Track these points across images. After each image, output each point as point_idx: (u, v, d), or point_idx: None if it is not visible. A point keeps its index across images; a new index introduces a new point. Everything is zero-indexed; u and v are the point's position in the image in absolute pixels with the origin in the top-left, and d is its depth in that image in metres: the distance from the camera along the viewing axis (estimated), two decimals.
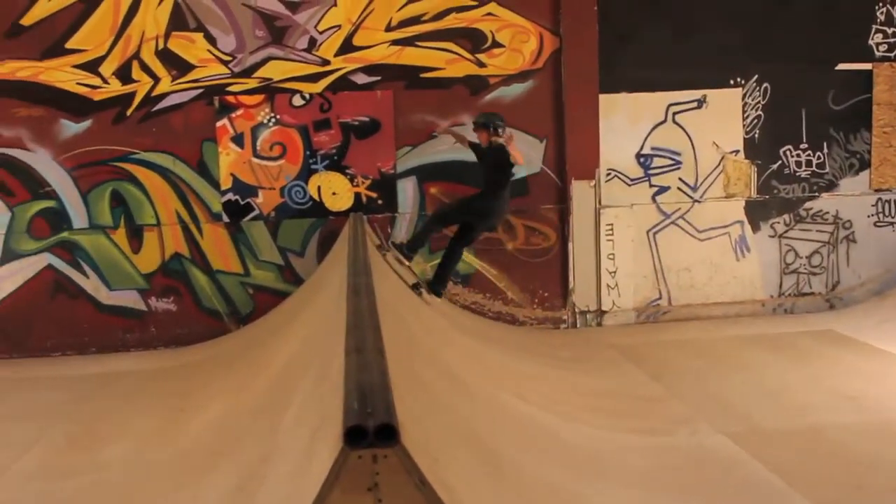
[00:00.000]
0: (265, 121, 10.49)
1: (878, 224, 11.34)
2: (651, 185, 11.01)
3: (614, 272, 10.88)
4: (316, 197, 10.60)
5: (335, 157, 10.59)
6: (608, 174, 10.89)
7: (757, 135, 11.09)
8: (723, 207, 11.13)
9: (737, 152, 11.09)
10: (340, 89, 10.51)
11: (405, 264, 9.47)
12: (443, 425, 5.05)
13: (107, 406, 8.45)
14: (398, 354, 4.83)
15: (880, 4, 11.07)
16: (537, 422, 6.94)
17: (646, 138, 10.96)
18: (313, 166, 10.59)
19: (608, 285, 10.88)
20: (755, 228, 11.19)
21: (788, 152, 11.17)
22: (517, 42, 10.67)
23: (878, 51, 11.12)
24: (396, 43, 10.53)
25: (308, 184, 10.59)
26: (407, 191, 10.68)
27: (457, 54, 10.59)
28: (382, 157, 10.60)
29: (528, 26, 10.67)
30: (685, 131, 11.00)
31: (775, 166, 11.16)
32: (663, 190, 11.03)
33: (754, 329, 10.55)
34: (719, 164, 11.07)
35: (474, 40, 10.62)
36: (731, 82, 10.99)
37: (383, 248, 9.54)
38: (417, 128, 10.56)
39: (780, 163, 11.16)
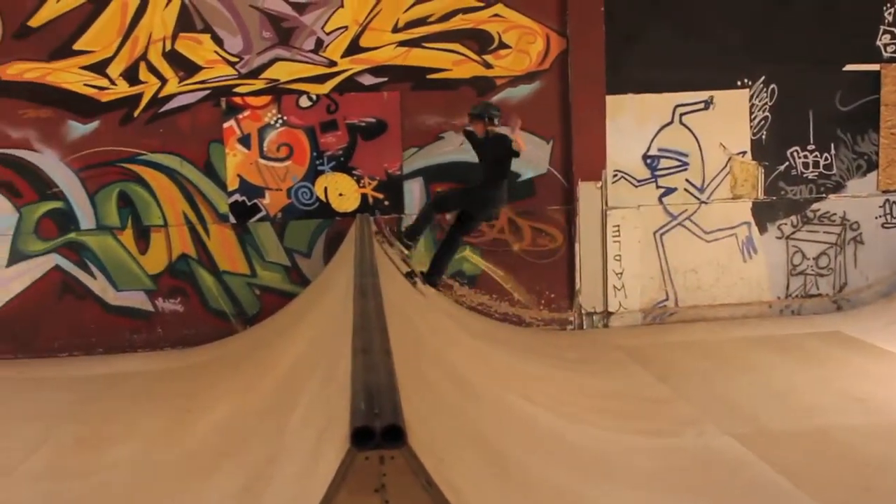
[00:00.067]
0: (272, 122, 10.51)
1: (886, 226, 11.30)
2: (658, 187, 10.99)
3: (621, 273, 10.86)
4: (322, 198, 10.62)
5: (342, 159, 10.60)
6: (615, 175, 10.88)
7: (764, 136, 11.07)
8: (730, 209, 11.11)
9: (744, 153, 11.07)
10: (347, 90, 10.52)
11: (403, 252, 9.41)
12: (449, 426, 5.05)
13: (114, 406, 8.47)
14: (405, 355, 4.83)
15: (888, 5, 11.03)
16: (543, 423, 6.93)
17: (652, 139, 10.95)
18: (320, 167, 10.60)
19: (615, 287, 10.86)
20: (762, 230, 11.16)
21: (796, 153, 11.14)
22: (524, 43, 10.66)
23: (886, 52, 11.08)
24: (403, 44, 10.54)
25: (315, 185, 10.61)
26: (413, 192, 10.69)
27: (463, 55, 10.59)
28: (389, 158, 10.61)
29: (535, 27, 10.67)
30: (692, 132, 10.98)
31: (782, 167, 11.13)
32: (670, 191, 11.01)
33: (761, 330, 10.52)
34: (726, 165, 11.05)
35: (481, 41, 10.62)
36: (739, 83, 10.97)
37: (381, 235, 9.53)
38: (424, 129, 10.56)
39: (787, 164, 11.14)
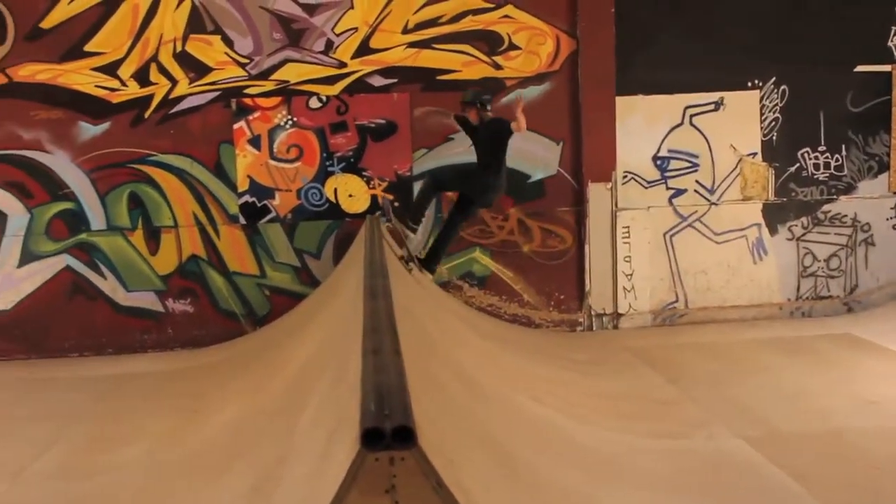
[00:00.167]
0: (282, 123, 10.53)
1: None
2: (668, 188, 10.97)
3: (630, 275, 10.84)
4: (332, 199, 10.63)
5: (352, 160, 10.62)
6: (625, 177, 10.86)
7: (774, 137, 11.03)
8: (740, 210, 11.08)
9: (754, 155, 11.04)
10: (357, 91, 10.53)
11: (406, 234, 9.37)
12: (458, 427, 5.05)
13: (124, 407, 8.50)
14: (415, 356, 4.83)
15: None
16: (552, 424, 6.93)
17: (662, 141, 10.93)
18: (330, 168, 10.61)
19: (624, 288, 10.85)
20: (772, 231, 11.13)
21: (806, 155, 11.10)
22: (534, 44, 10.66)
23: None
24: (413, 45, 10.54)
25: (324, 186, 10.62)
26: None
27: (473, 56, 10.59)
28: (399, 159, 10.61)
29: (545, 28, 10.66)
30: (702, 134, 10.95)
31: (793, 169, 11.10)
32: (680, 192, 10.99)
33: (771, 332, 10.49)
34: (736, 166, 11.02)
35: (491, 42, 10.62)
36: (749, 84, 10.94)
37: (385, 217, 9.55)
38: (434, 130, 10.56)
39: (797, 165, 11.10)
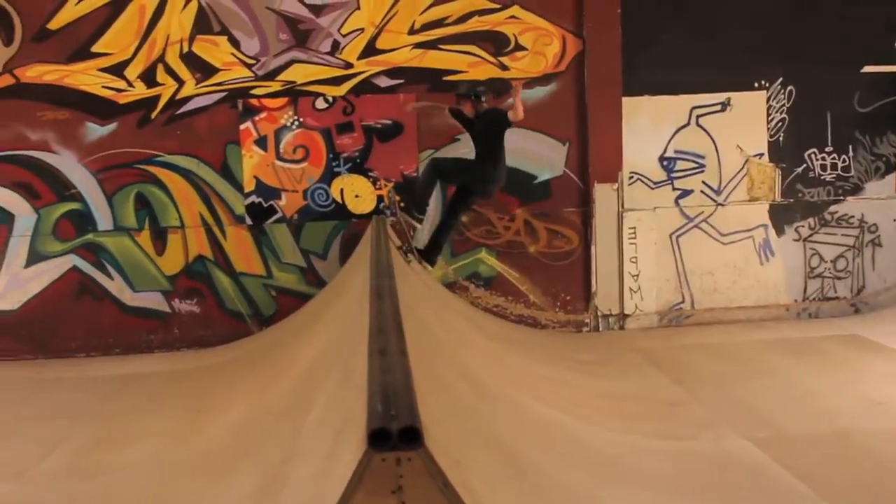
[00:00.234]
0: (288, 123, 10.54)
1: None
2: (674, 189, 10.95)
3: (637, 276, 10.83)
4: (339, 199, 10.64)
5: (358, 160, 10.62)
6: (631, 177, 10.85)
7: (781, 138, 11.01)
8: (746, 211, 11.05)
9: (761, 155, 11.02)
10: (363, 92, 10.54)
11: (411, 224, 9.42)
12: (464, 427, 5.05)
13: (130, 407, 8.51)
14: (421, 357, 4.84)
15: None
16: (558, 425, 6.92)
17: (669, 141, 10.91)
18: (336, 169, 10.62)
19: (631, 289, 10.83)
20: (779, 232, 11.10)
21: (813, 155, 11.08)
22: (540, 45, 10.65)
23: None
24: (419, 46, 10.54)
25: (331, 186, 10.63)
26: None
27: (479, 57, 10.59)
28: (405, 159, 10.61)
29: (551, 29, 10.65)
30: (709, 134, 10.93)
31: (800, 169, 11.07)
32: (686, 193, 10.97)
33: (778, 333, 10.46)
34: (743, 167, 11.00)
35: (497, 43, 10.61)
36: (756, 85, 10.92)
37: (390, 210, 9.55)
38: (440, 130, 10.55)
39: (804, 166, 11.07)
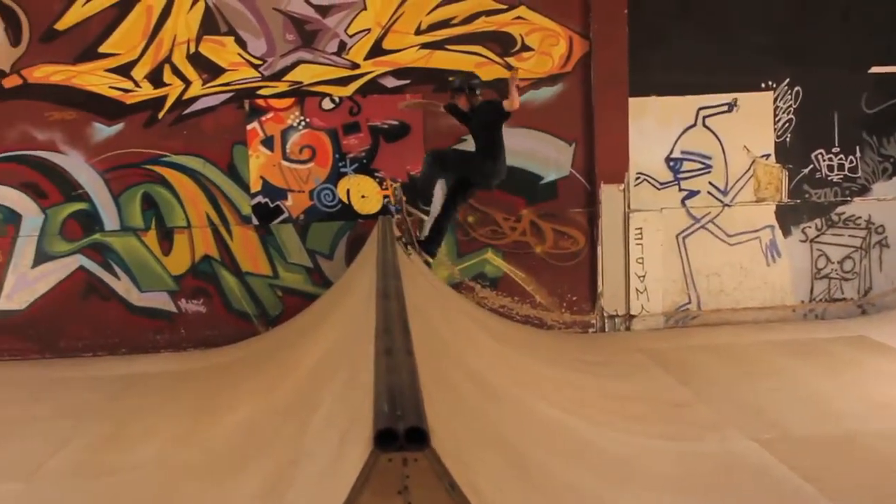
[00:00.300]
0: (295, 124, 10.55)
1: None
2: (681, 189, 10.94)
3: (643, 276, 10.81)
4: (345, 200, 10.65)
5: (364, 161, 10.63)
6: (637, 178, 10.84)
7: (788, 138, 10.99)
8: (753, 212, 11.03)
9: (768, 156, 11.00)
10: (370, 93, 10.55)
11: (416, 217, 9.43)
12: (471, 428, 5.05)
13: (137, 406, 8.53)
14: (427, 357, 4.84)
15: None
16: (564, 426, 6.91)
17: (675, 142, 10.90)
18: (342, 169, 10.63)
19: (637, 289, 10.82)
20: (786, 233, 11.08)
21: (820, 156, 11.05)
22: (546, 45, 10.65)
23: None
24: (426, 46, 10.55)
25: (337, 187, 10.64)
26: (436, 194, 10.64)
27: (486, 58, 10.59)
28: (411, 160, 10.60)
29: (558, 30, 10.65)
30: (715, 135, 10.92)
31: (807, 170, 11.05)
32: (693, 194, 10.95)
33: (785, 335, 10.44)
34: (750, 168, 10.98)
35: (504, 44, 10.61)
36: (763, 86, 10.90)
37: (395, 207, 9.57)
38: (446, 131, 10.55)
39: (811, 167, 11.05)
